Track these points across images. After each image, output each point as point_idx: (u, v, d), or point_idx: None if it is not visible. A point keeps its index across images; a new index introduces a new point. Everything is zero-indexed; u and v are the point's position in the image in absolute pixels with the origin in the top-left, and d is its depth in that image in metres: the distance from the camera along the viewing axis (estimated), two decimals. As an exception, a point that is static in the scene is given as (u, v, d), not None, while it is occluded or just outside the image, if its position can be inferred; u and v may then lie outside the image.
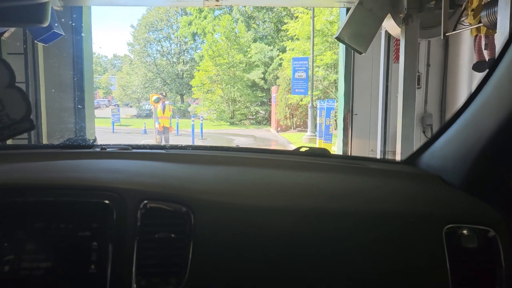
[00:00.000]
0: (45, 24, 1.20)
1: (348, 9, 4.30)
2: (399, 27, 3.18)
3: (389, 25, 3.42)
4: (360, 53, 3.22)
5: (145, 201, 0.91)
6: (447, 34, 3.00)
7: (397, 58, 4.78)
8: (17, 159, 1.12)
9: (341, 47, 5.27)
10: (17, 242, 0.85)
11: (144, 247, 0.88)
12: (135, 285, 0.85)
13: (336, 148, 6.72)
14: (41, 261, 0.84)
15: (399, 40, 4.74)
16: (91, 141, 1.35)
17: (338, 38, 3.17)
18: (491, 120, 0.93)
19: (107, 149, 1.25)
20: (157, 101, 10.93)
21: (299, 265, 0.90)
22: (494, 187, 1.02)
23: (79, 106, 4.40)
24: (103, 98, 46.04)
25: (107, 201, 0.90)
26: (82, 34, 4.51)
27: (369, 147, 4.77)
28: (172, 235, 0.89)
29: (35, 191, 0.91)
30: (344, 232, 0.94)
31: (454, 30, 3.04)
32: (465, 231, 0.94)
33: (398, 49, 4.78)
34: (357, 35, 3.09)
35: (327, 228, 0.94)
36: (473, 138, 0.99)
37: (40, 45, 4.40)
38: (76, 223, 0.87)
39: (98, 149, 1.25)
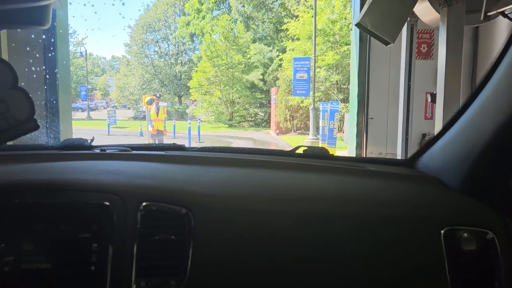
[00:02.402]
0: (46, 26, 1.17)
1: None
2: (438, 10, 2.57)
3: (421, 9, 2.78)
4: (387, 43, 2.60)
5: (145, 203, 0.92)
6: (489, 14, 2.35)
7: (419, 53, 4.18)
8: (17, 160, 1.12)
9: (354, 41, 4.66)
10: (17, 243, 0.85)
11: (144, 248, 0.88)
12: (134, 286, 0.85)
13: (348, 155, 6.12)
14: (41, 262, 0.84)
15: (424, 32, 4.16)
16: (89, 141, 1.34)
17: (359, 25, 2.55)
18: (489, 122, 0.93)
19: (107, 151, 1.24)
20: (150, 102, 10.23)
21: (298, 267, 0.90)
22: (492, 189, 1.01)
23: (51, 107, 3.87)
24: (101, 99, 46.11)
25: (107, 203, 0.90)
26: (55, 24, 3.95)
27: (387, 154, 4.19)
28: (172, 237, 0.89)
29: (35, 192, 0.91)
30: (342, 235, 0.93)
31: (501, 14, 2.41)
32: (463, 233, 0.94)
33: (421, 43, 4.19)
34: (383, 21, 2.47)
35: (326, 230, 0.93)
36: (472, 140, 0.99)
37: (3, 37, 3.84)
38: (76, 224, 0.88)
39: (98, 151, 1.24)
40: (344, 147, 11.36)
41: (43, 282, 0.84)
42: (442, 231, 0.93)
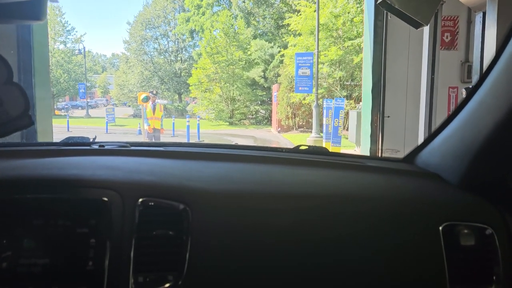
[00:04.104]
0: (42, 21, 1.13)
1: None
2: (483, -16, 2.12)
3: (459, -14, 2.35)
4: (419, 26, 2.16)
5: (143, 198, 0.92)
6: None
7: (443, 43, 3.73)
8: (16, 156, 1.13)
9: (367, 31, 4.19)
10: (15, 239, 0.86)
11: (142, 244, 0.88)
12: (132, 281, 0.86)
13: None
14: (39, 258, 0.85)
15: (448, 19, 3.71)
16: (92, 140, 1.35)
17: (383, 4, 2.11)
18: (489, 118, 0.93)
19: (106, 146, 1.25)
20: (146, 100, 9.74)
21: (297, 262, 0.90)
22: (492, 185, 1.01)
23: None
24: (101, 97, 46.04)
25: (105, 198, 0.91)
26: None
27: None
28: (170, 232, 0.90)
29: (34, 187, 0.92)
30: (342, 230, 0.94)
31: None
32: (462, 229, 0.94)
33: (444, 31, 3.73)
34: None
35: (325, 227, 0.93)
36: (471, 135, 0.99)
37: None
38: (74, 219, 0.88)
39: (96, 146, 1.26)
40: (349, 146, 10.91)
41: (40, 277, 0.84)
42: (441, 227, 0.94)
